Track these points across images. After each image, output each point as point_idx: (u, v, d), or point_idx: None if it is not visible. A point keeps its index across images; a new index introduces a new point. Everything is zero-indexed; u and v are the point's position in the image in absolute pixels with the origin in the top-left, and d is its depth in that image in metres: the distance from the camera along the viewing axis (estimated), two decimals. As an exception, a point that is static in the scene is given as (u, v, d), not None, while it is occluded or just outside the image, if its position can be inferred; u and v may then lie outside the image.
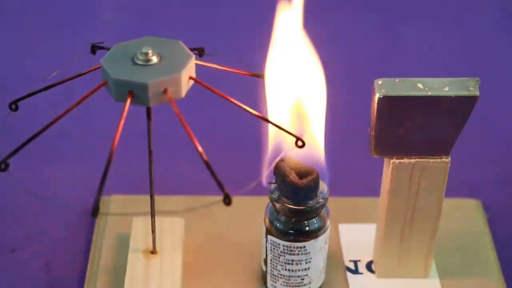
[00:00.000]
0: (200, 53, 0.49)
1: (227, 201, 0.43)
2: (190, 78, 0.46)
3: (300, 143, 0.46)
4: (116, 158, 0.64)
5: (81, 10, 0.79)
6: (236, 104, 0.46)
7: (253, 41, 0.59)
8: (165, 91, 0.44)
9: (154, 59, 0.45)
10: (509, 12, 0.80)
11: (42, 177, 0.63)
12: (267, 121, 0.47)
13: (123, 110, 0.44)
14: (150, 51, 0.45)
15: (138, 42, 0.47)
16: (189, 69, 0.46)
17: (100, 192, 0.43)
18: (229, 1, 0.81)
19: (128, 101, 0.44)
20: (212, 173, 0.43)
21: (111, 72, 0.44)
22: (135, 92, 0.44)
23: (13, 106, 0.47)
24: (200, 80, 0.46)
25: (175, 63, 0.45)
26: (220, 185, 0.43)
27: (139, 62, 0.45)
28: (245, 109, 0.46)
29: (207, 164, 0.43)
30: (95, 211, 0.43)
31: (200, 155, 0.43)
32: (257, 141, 0.52)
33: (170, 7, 0.79)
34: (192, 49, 0.47)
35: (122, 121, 0.44)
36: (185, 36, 0.50)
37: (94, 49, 0.49)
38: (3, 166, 0.44)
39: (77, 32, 0.76)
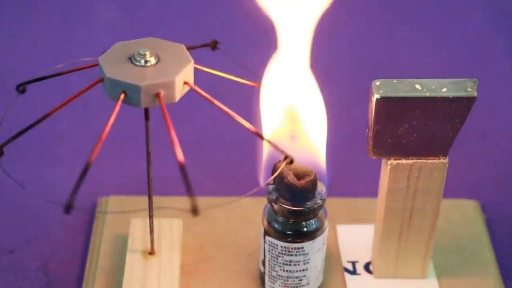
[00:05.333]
0: (213, 47, 0.49)
1: (194, 214, 0.43)
2: (185, 83, 0.46)
3: (289, 159, 0.47)
4: (114, 158, 0.65)
5: (84, 8, 0.79)
6: (229, 115, 0.45)
7: (255, 42, 0.59)
8: (157, 94, 0.44)
9: (152, 61, 0.45)
10: (506, 12, 0.80)
11: (41, 178, 0.63)
12: (259, 136, 0.46)
13: (114, 108, 0.44)
14: (147, 52, 0.45)
15: (140, 42, 0.46)
16: (185, 74, 0.45)
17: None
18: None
19: (120, 101, 0.44)
20: (186, 181, 0.42)
21: (107, 70, 0.44)
22: (128, 93, 0.44)
23: (21, 88, 0.47)
24: (197, 85, 0.46)
25: (171, 67, 0.45)
26: (191, 195, 0.42)
27: (136, 63, 0.45)
28: (238, 121, 0.45)
29: (182, 170, 0.43)
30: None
31: (179, 162, 0.43)
32: (255, 141, 0.52)
33: (169, 8, 0.79)
34: (204, 45, 0.47)
35: (112, 119, 0.44)
36: (187, 37, 0.50)
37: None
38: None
39: (78, 30, 0.76)
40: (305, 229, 0.51)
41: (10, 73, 0.71)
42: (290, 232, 0.51)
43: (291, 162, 0.47)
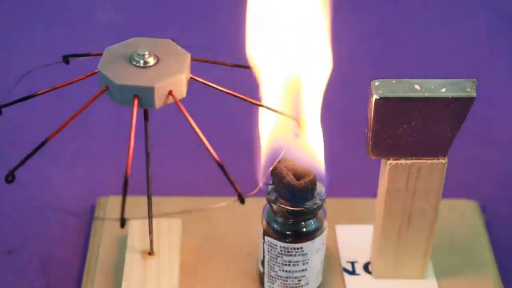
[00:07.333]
0: None
1: (241, 200, 0.43)
2: (191, 77, 0.46)
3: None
4: (113, 159, 0.65)
5: (75, 10, 0.79)
6: (239, 97, 0.46)
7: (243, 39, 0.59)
8: (169, 92, 0.44)
9: (152, 60, 0.45)
10: (506, 12, 0.80)
11: (40, 178, 0.63)
12: (268, 108, 0.47)
13: (131, 115, 0.44)
14: (147, 53, 0.45)
15: (128, 44, 0.46)
16: (188, 69, 0.46)
17: None
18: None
19: (135, 105, 0.44)
20: (225, 173, 0.43)
21: (114, 78, 0.44)
22: (141, 96, 0.44)
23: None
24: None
25: (174, 63, 0.45)
26: (234, 185, 0.43)
27: (138, 65, 0.45)
28: (249, 101, 0.46)
29: (219, 165, 0.43)
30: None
31: (212, 155, 0.44)
32: (254, 142, 0.52)
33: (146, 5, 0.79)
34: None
35: (134, 125, 0.43)
36: (171, 35, 0.50)
37: (66, 59, 0.49)
38: (10, 178, 0.44)
39: (71, 31, 0.76)
40: (304, 230, 0.51)
41: (8, 73, 0.71)
42: (289, 233, 0.51)
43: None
